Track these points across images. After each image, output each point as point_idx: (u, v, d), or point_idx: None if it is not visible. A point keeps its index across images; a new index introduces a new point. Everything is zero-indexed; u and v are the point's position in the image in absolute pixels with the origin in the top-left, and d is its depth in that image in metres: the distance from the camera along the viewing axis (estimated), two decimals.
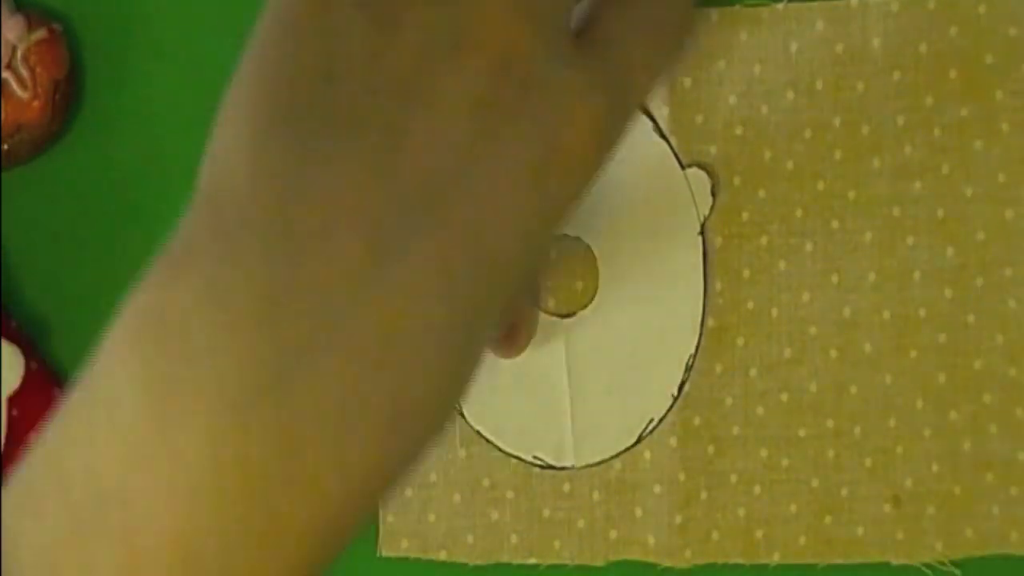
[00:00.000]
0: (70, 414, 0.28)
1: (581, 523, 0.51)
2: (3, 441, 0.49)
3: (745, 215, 0.49)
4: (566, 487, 0.50)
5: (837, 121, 0.48)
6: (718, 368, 0.50)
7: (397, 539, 0.51)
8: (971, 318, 0.49)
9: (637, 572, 0.50)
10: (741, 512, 0.50)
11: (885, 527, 0.50)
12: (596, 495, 0.50)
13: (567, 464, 0.50)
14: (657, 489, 0.50)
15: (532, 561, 0.51)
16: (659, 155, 0.49)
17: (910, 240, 0.49)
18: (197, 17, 0.50)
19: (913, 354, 0.49)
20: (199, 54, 0.50)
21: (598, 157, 0.30)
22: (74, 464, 0.27)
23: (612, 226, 0.49)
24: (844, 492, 0.50)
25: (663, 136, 0.48)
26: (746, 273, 0.49)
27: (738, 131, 0.49)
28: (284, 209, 0.27)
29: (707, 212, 0.48)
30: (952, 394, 0.49)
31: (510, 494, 0.51)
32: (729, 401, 0.50)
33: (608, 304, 0.50)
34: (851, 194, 0.49)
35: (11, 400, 0.48)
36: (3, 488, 0.39)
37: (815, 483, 0.50)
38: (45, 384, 0.49)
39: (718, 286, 0.49)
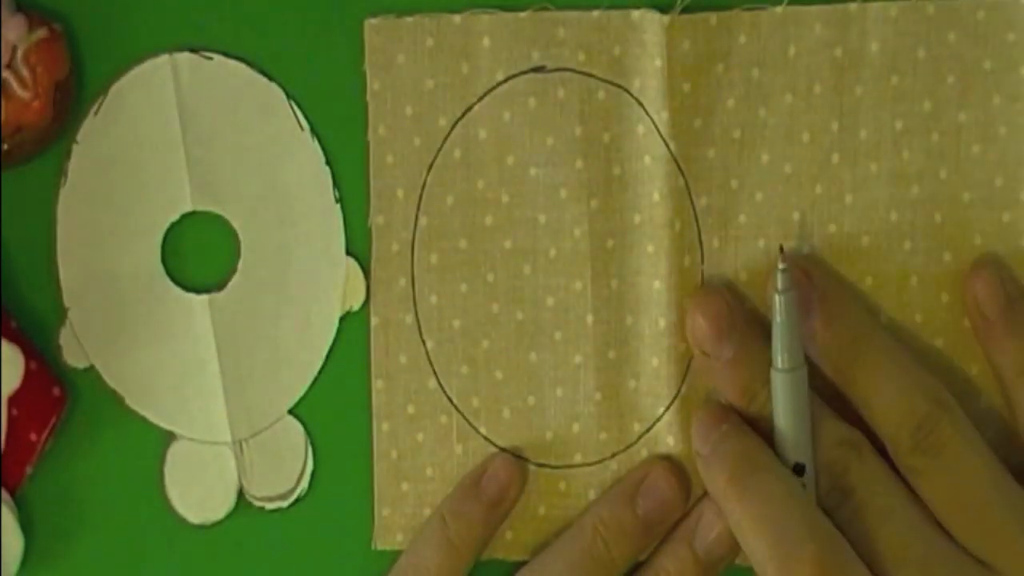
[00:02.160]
0: None
1: None
2: (3, 441, 0.49)
3: (742, 218, 0.49)
4: (562, 485, 0.50)
5: (835, 125, 0.48)
6: None
7: (392, 533, 0.51)
8: (968, 323, 0.49)
9: (633, 570, 0.50)
10: None
11: None
12: (592, 493, 0.50)
13: (223, 439, 0.50)
14: None
15: (527, 558, 0.51)
16: (309, 151, 0.49)
17: (907, 245, 0.49)
18: (197, 18, 0.50)
19: None
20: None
21: None
22: None
23: (254, 204, 0.49)
24: None
25: (662, 136, 0.48)
26: (743, 276, 0.49)
27: (736, 134, 0.49)
28: None
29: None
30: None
31: None
32: (726, 402, 0.50)
33: (250, 282, 0.50)
34: (848, 198, 0.49)
35: (11, 400, 0.49)
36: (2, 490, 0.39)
37: None
38: (45, 384, 0.49)
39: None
